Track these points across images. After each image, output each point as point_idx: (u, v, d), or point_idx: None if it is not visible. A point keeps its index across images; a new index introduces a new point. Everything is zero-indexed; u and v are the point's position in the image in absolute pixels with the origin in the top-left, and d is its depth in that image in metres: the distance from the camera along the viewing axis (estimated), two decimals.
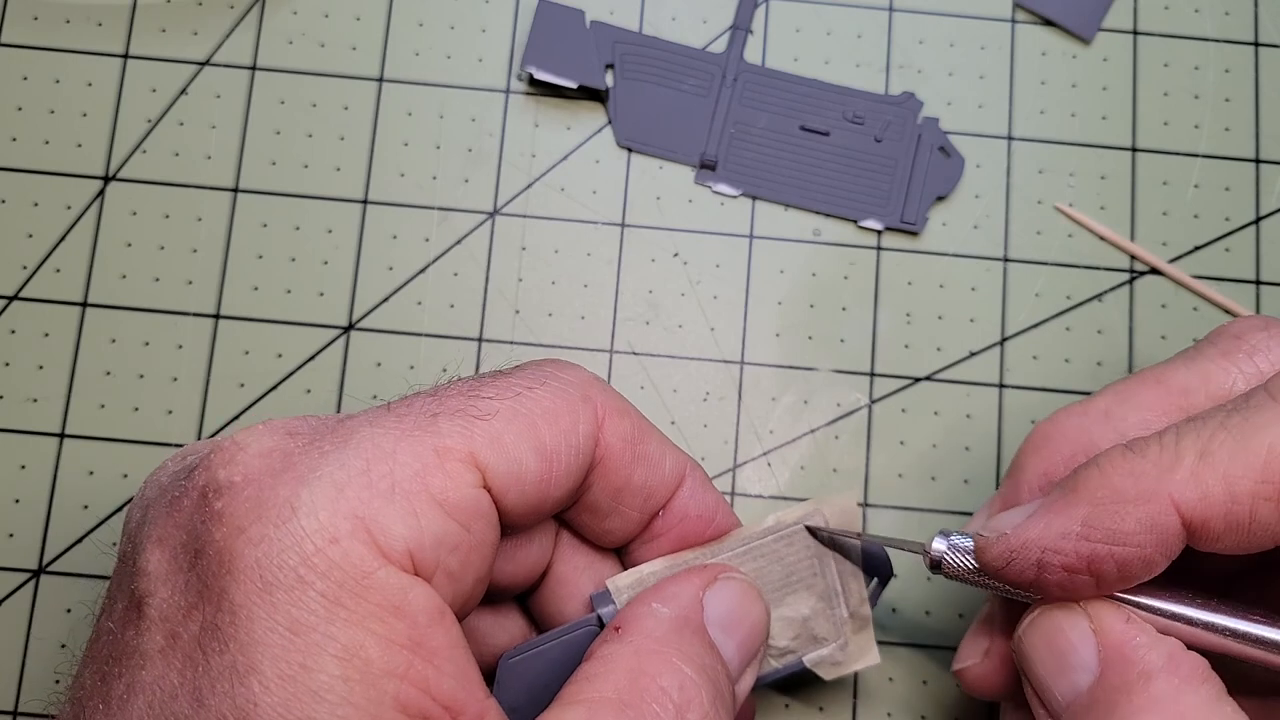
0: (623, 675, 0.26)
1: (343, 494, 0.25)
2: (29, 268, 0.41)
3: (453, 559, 0.26)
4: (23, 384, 0.40)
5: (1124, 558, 0.26)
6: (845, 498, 0.32)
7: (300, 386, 0.40)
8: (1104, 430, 0.30)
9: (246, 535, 0.24)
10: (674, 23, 0.43)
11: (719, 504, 0.32)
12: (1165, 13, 0.43)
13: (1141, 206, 0.42)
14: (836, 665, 0.33)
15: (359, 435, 0.26)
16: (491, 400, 0.27)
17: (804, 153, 0.42)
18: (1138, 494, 0.26)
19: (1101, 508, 0.26)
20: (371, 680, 0.24)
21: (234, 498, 0.25)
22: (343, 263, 0.41)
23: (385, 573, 0.24)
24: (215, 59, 0.42)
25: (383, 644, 0.24)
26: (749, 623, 0.30)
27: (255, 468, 0.26)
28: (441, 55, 0.43)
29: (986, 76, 0.43)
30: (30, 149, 0.41)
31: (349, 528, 0.24)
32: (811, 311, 0.41)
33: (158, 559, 0.25)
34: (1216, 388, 0.30)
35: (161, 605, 0.25)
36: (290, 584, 0.24)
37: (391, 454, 0.26)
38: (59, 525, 0.39)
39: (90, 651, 0.26)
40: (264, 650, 0.23)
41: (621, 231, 0.42)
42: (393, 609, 0.24)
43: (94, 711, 0.25)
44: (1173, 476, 0.26)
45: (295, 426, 0.27)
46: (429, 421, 0.26)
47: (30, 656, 0.38)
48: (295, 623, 0.24)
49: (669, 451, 0.31)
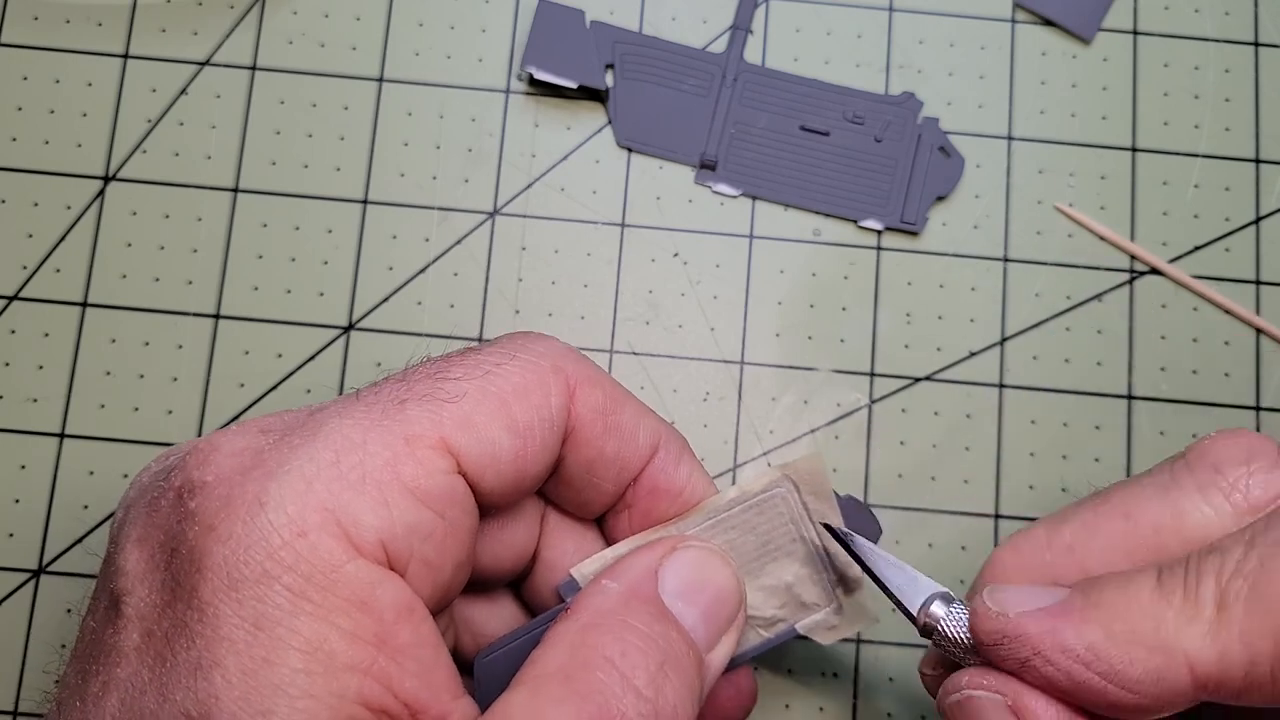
0: (566, 650, 0.26)
1: (311, 487, 0.25)
2: (29, 268, 0.41)
3: (428, 547, 0.26)
4: (23, 384, 0.40)
5: (1117, 700, 0.25)
6: (810, 460, 0.31)
7: (300, 386, 0.40)
8: (1067, 566, 0.29)
9: (216, 533, 0.24)
10: (674, 23, 0.43)
11: (692, 477, 0.31)
12: (1165, 13, 0.43)
13: (1141, 206, 0.42)
14: (832, 629, 0.32)
15: (327, 427, 0.26)
16: (459, 381, 0.27)
17: (804, 153, 0.42)
18: (1155, 643, 0.25)
19: (1113, 643, 0.25)
20: (334, 674, 0.24)
21: (206, 497, 0.25)
22: (343, 263, 0.41)
23: (354, 566, 0.24)
24: (215, 59, 0.42)
25: (347, 638, 0.24)
26: (712, 589, 0.29)
27: (227, 466, 0.26)
28: (441, 55, 0.43)
29: (986, 76, 0.43)
30: (30, 149, 0.41)
31: (318, 520, 0.24)
32: (811, 311, 0.41)
33: (136, 558, 0.26)
34: (1190, 529, 0.27)
35: (138, 604, 0.25)
36: (256, 579, 0.24)
37: (361, 444, 0.25)
38: (59, 525, 0.39)
39: (75, 650, 0.27)
40: (228, 646, 0.23)
41: (621, 231, 0.42)
42: (359, 603, 0.24)
43: (70, 709, 0.25)
44: (1191, 631, 0.25)
45: (268, 424, 0.27)
46: (397, 408, 0.26)
47: (30, 656, 0.38)
48: (260, 617, 0.24)
49: (645, 421, 0.30)
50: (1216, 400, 0.41)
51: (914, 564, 0.30)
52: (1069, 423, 0.40)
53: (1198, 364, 0.41)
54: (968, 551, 0.39)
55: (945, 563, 0.39)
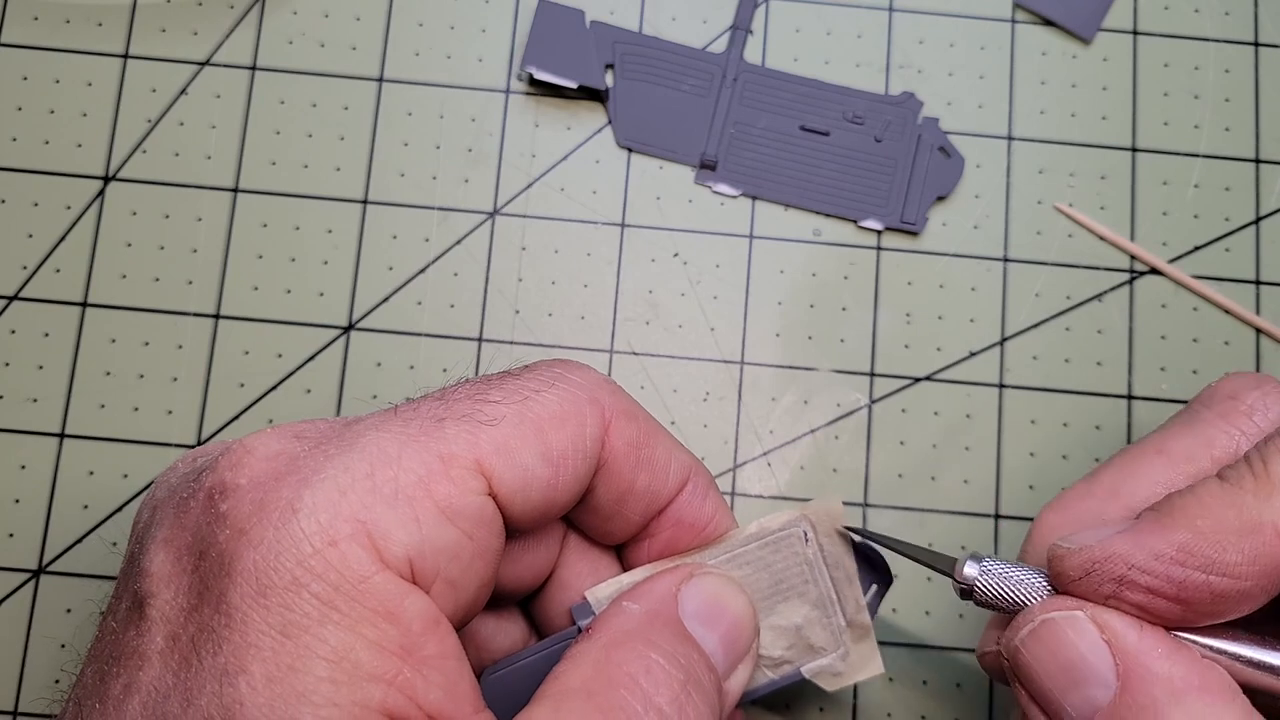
0: (589, 667, 0.26)
1: (345, 497, 0.25)
2: (29, 268, 0.41)
3: (454, 567, 0.26)
4: (23, 384, 0.40)
5: (1222, 589, 0.25)
6: (829, 501, 0.32)
7: (300, 386, 0.40)
8: (1115, 509, 0.29)
9: (247, 537, 0.24)
10: (674, 23, 0.43)
11: (717, 513, 0.31)
12: (1165, 13, 0.43)
13: (1141, 206, 0.42)
14: (837, 676, 0.32)
15: (365, 439, 0.26)
16: (499, 405, 0.27)
17: (804, 153, 0.42)
18: (1241, 525, 0.25)
19: (1202, 536, 0.25)
20: (359, 684, 0.24)
21: (239, 500, 0.25)
22: (343, 263, 0.41)
23: (382, 578, 0.24)
24: (215, 59, 0.42)
25: (373, 649, 0.24)
26: (731, 615, 0.29)
27: (261, 470, 0.25)
28: (441, 55, 0.43)
29: (986, 76, 0.43)
30: (30, 149, 0.41)
31: (349, 530, 0.24)
32: (811, 311, 0.41)
33: (162, 560, 0.26)
34: (1221, 451, 0.29)
35: (164, 607, 0.25)
36: (285, 586, 0.24)
37: (396, 459, 0.25)
38: (59, 525, 0.39)
39: (93, 650, 0.27)
40: (255, 652, 0.23)
41: (621, 231, 0.42)
42: (387, 614, 0.24)
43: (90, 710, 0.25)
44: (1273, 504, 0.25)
45: (303, 430, 0.27)
46: (435, 427, 0.26)
47: (30, 656, 0.38)
48: (288, 625, 0.24)
49: (676, 455, 0.30)
50: None
51: None
52: (1069, 423, 0.40)
53: (1198, 364, 0.41)
54: (968, 552, 0.39)
55: None
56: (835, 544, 0.32)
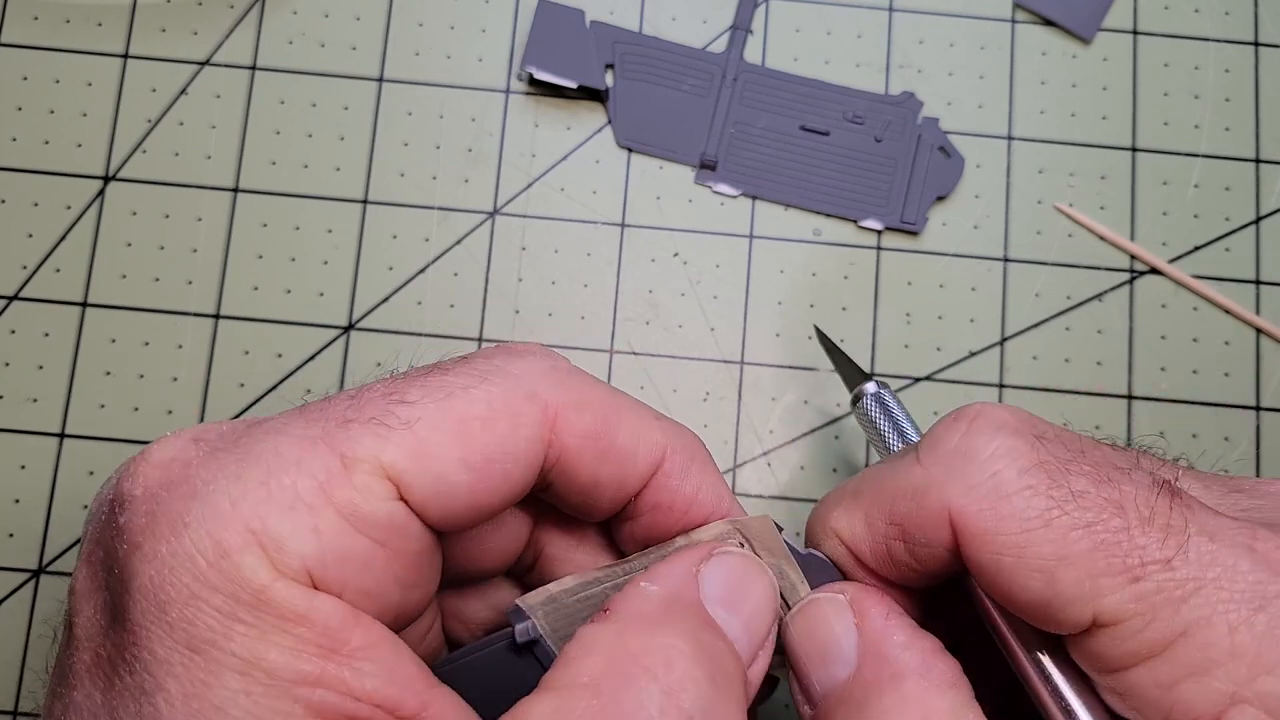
0: (600, 658, 0.24)
1: (236, 508, 0.23)
2: (29, 268, 0.41)
3: (366, 577, 0.24)
4: (23, 384, 0.40)
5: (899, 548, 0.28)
6: (760, 520, 0.29)
7: (300, 386, 0.40)
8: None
9: (141, 552, 0.24)
10: (674, 23, 0.43)
11: (700, 490, 0.29)
12: (1165, 13, 0.43)
13: (1141, 206, 0.42)
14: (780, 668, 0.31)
15: (263, 444, 0.24)
16: (414, 405, 0.25)
17: (804, 153, 0.42)
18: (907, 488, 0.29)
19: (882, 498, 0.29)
20: (278, 691, 0.23)
21: (134, 512, 0.24)
22: (343, 263, 0.41)
23: (283, 584, 0.23)
24: (215, 59, 0.42)
25: (289, 654, 0.23)
26: (754, 597, 0.27)
27: (154, 479, 0.25)
28: (441, 55, 0.43)
29: (986, 76, 0.43)
30: (30, 149, 0.41)
31: (240, 542, 0.23)
32: (811, 311, 0.41)
33: (83, 576, 0.25)
34: None
35: (85, 624, 0.24)
36: (184, 600, 0.23)
37: (295, 463, 0.24)
38: (59, 525, 0.39)
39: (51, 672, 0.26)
40: (167, 669, 0.23)
41: (621, 231, 0.42)
42: (297, 618, 0.23)
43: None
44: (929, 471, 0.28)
45: (203, 433, 0.26)
46: (340, 429, 0.24)
47: (30, 656, 0.38)
48: (193, 640, 0.23)
49: (645, 437, 0.28)
50: (1216, 400, 0.41)
51: None
52: (1069, 423, 0.40)
53: (1198, 364, 0.41)
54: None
55: None
56: (773, 555, 0.29)
